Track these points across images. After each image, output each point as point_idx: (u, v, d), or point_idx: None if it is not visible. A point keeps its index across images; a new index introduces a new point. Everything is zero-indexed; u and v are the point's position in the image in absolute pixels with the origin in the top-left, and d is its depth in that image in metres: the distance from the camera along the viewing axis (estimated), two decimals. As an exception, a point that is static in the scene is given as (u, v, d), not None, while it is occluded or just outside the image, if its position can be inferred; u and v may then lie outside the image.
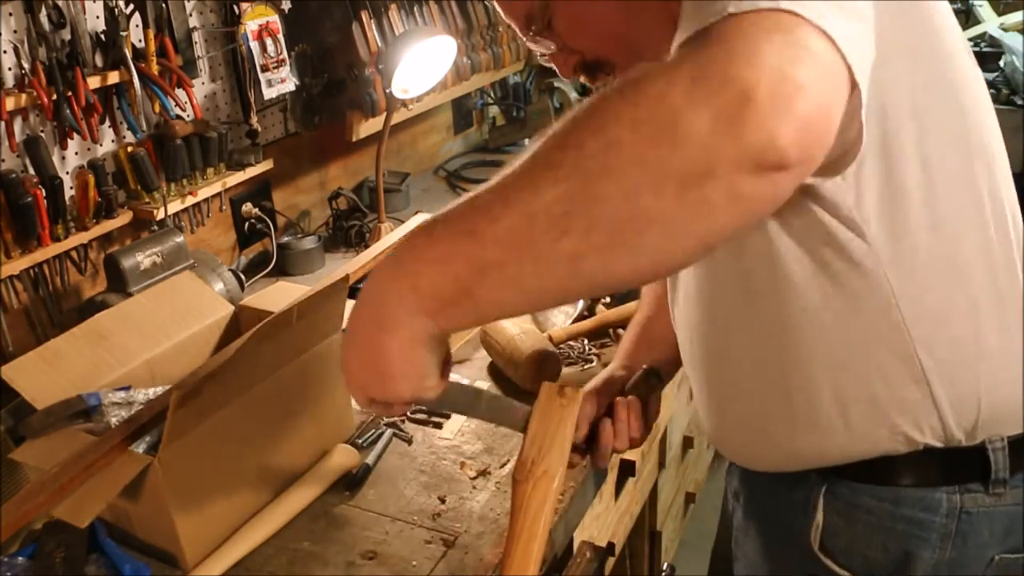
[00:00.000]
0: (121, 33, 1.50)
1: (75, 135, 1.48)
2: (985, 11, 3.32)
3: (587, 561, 1.21)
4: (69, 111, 1.44)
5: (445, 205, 0.65)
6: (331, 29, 1.97)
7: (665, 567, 1.85)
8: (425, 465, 1.24)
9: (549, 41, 0.86)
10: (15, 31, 1.39)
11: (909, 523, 0.83)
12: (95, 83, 1.47)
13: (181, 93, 1.63)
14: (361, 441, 1.28)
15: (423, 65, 1.91)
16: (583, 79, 0.89)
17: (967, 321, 0.78)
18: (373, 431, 1.30)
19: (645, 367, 1.06)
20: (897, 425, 0.80)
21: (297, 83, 1.92)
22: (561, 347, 1.50)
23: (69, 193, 1.51)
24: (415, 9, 2.08)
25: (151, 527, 1.06)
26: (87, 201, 1.50)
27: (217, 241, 1.89)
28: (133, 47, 1.55)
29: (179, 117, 1.66)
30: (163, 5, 1.60)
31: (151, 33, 1.56)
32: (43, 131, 1.47)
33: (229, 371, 1.00)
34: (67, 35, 1.45)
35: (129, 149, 1.58)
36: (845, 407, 0.81)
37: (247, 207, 1.91)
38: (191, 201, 1.70)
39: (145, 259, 1.53)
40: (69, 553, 0.98)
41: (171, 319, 1.25)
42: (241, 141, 1.88)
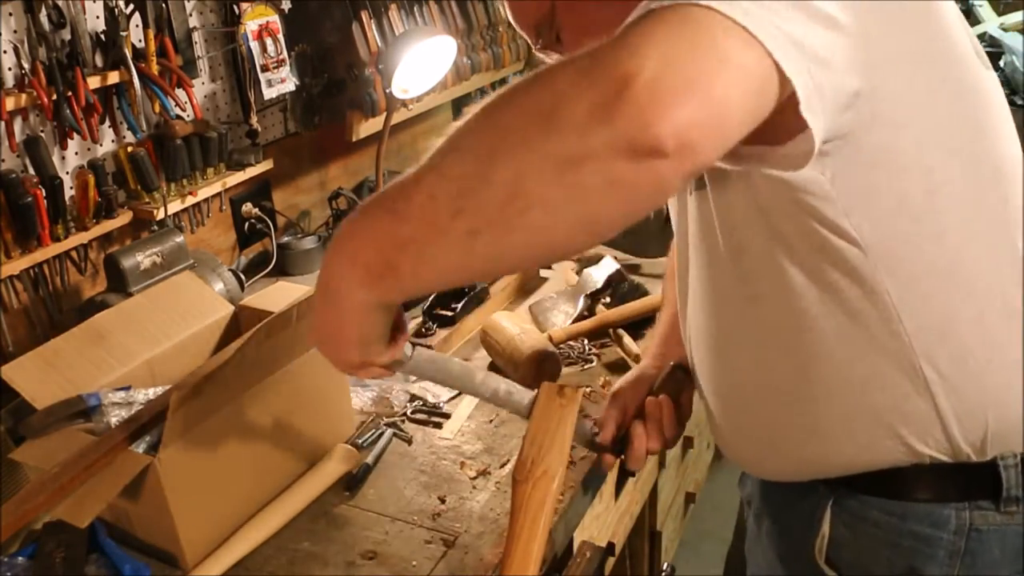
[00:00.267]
0: (121, 33, 1.50)
1: (75, 135, 1.48)
2: (985, 11, 3.31)
3: (587, 561, 1.21)
4: (69, 111, 1.44)
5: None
6: (331, 29, 1.97)
7: (665, 567, 1.85)
8: (425, 465, 1.24)
9: (557, 54, 0.88)
10: (15, 31, 1.39)
11: (916, 538, 0.81)
12: (95, 83, 1.47)
13: (181, 93, 1.63)
14: (361, 441, 1.27)
15: (423, 65, 1.91)
16: None
17: (972, 333, 0.76)
18: (373, 431, 1.30)
19: (673, 363, 1.05)
20: (901, 436, 0.78)
21: (297, 83, 1.92)
22: (561, 347, 1.50)
23: (69, 193, 1.50)
24: (415, 9, 2.08)
25: (151, 527, 1.06)
26: (87, 201, 1.50)
27: (217, 241, 1.89)
28: (133, 47, 1.55)
29: (179, 117, 1.66)
30: (163, 5, 1.60)
31: (151, 33, 1.56)
32: (43, 131, 1.47)
33: (229, 371, 1.00)
34: (67, 35, 1.45)
35: (129, 149, 1.58)
36: (849, 417, 0.80)
37: (247, 207, 1.91)
38: (191, 201, 1.70)
39: (145, 259, 1.53)
40: (69, 553, 0.98)
41: (171, 319, 1.25)
42: (241, 141, 1.88)
